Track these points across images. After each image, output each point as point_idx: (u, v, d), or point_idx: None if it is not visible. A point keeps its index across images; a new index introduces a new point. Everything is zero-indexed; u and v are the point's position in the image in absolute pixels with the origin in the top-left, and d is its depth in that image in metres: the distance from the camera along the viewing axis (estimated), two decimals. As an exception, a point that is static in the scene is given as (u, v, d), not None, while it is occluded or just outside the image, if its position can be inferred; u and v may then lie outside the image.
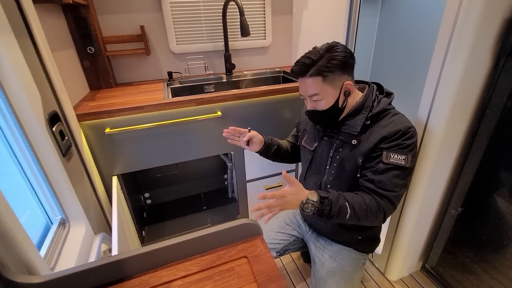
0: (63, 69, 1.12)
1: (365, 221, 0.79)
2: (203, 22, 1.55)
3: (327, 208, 0.76)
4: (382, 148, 0.78)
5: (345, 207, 0.77)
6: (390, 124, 0.79)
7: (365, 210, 0.77)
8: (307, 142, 0.99)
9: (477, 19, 0.75)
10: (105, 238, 0.99)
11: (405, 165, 0.76)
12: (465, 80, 0.83)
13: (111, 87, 1.43)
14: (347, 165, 0.85)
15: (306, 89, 0.81)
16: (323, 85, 0.78)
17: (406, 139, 0.76)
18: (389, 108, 0.82)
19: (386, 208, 0.78)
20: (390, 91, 0.87)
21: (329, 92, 0.79)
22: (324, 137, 0.92)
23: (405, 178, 0.78)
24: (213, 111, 1.24)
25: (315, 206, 0.75)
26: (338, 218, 0.77)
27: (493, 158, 0.92)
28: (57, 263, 0.77)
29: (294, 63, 0.81)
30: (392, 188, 0.77)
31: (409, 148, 0.76)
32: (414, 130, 0.78)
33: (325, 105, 0.81)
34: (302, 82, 0.81)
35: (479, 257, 1.04)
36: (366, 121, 0.82)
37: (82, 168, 1.02)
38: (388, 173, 0.76)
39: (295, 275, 1.33)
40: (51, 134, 0.82)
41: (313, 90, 0.79)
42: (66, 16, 1.22)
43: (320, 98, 0.80)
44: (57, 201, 0.85)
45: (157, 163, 1.28)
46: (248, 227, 0.60)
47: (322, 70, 0.76)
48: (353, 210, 0.77)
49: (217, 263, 0.55)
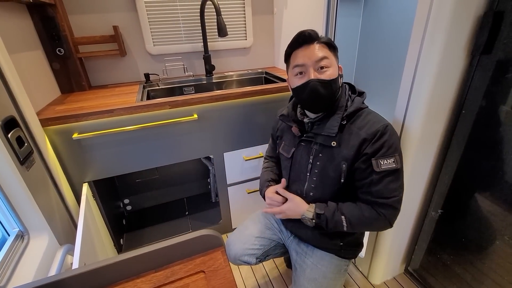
0: (27, 71, 1.06)
1: (370, 230, 0.84)
2: (180, 22, 1.51)
3: (323, 223, 0.81)
4: (367, 154, 0.75)
5: (341, 222, 0.79)
6: (366, 125, 0.77)
7: (365, 223, 0.78)
8: (284, 149, 0.95)
9: (448, 17, 0.73)
10: (71, 249, 0.94)
11: (396, 167, 0.74)
12: (440, 79, 0.81)
13: (84, 90, 1.37)
14: (330, 171, 0.82)
15: (313, 54, 0.75)
16: (330, 52, 0.77)
17: (388, 139, 0.74)
18: (363, 107, 0.81)
19: (389, 215, 0.77)
20: (362, 91, 0.85)
21: (334, 62, 0.78)
22: (301, 142, 0.88)
23: (399, 179, 0.77)
24: (189, 114, 1.19)
25: (312, 222, 0.82)
26: (336, 230, 0.81)
27: (471, 159, 0.90)
28: (10, 279, 0.72)
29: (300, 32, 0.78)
30: (391, 194, 0.76)
31: (393, 147, 0.75)
32: (391, 127, 0.76)
33: (332, 74, 0.76)
34: (307, 48, 0.76)
35: (460, 258, 1.02)
36: (342, 121, 0.79)
37: (46, 176, 0.97)
38: (384, 181, 0.75)
39: (277, 282, 1.30)
40: (5, 141, 0.77)
41: (322, 53, 0.75)
42: (32, 16, 1.17)
43: (329, 65, 0.76)
44: (13, 212, 0.80)
45: (132, 168, 1.23)
46: (208, 239, 0.56)
47: (330, 43, 0.78)
48: (349, 223, 0.79)
49: (171, 279, 0.51)
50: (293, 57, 0.80)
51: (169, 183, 1.80)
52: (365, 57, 1.85)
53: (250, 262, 0.99)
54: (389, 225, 0.80)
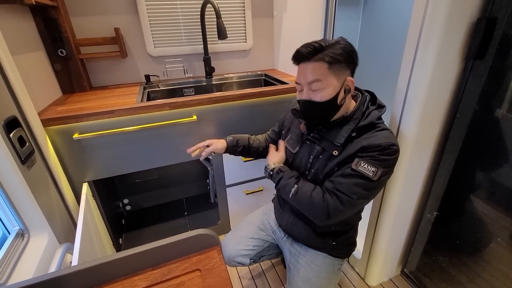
0: (29, 72, 1.08)
1: (306, 210, 0.82)
2: (181, 24, 1.53)
3: (277, 177, 0.88)
4: (356, 155, 0.75)
5: (290, 187, 0.84)
6: (373, 137, 0.75)
7: (307, 198, 0.79)
8: (289, 143, 0.96)
9: (443, 23, 0.74)
10: (70, 248, 0.95)
11: (372, 177, 0.71)
12: (435, 83, 0.83)
13: (85, 90, 1.39)
14: (320, 174, 0.83)
15: (307, 74, 0.74)
16: (327, 73, 0.72)
17: (385, 154, 0.72)
18: (377, 123, 0.77)
19: (331, 205, 0.75)
20: (382, 104, 0.81)
21: (331, 82, 0.73)
22: (306, 141, 0.89)
23: (367, 190, 0.73)
24: (189, 115, 1.21)
25: (268, 172, 0.92)
26: (283, 193, 0.87)
27: (465, 162, 0.91)
28: (10, 276, 0.73)
29: (301, 46, 0.74)
30: (349, 194, 0.74)
31: (383, 162, 0.72)
32: (396, 148, 0.73)
33: (324, 96, 0.74)
34: (304, 67, 0.75)
35: (456, 260, 1.03)
36: (352, 133, 0.78)
37: (47, 175, 0.98)
38: (351, 179, 0.74)
39: (274, 281, 1.31)
40: (7, 141, 0.78)
41: (315, 75, 0.72)
42: (34, 18, 1.18)
43: (321, 87, 0.73)
44: (13, 211, 0.81)
45: (131, 169, 1.24)
46: (204, 238, 0.57)
47: (331, 57, 0.71)
48: (295, 193, 0.82)
49: (167, 277, 0.52)
50: (297, 70, 0.79)
51: (168, 183, 1.81)
52: (363, 60, 1.87)
53: (244, 263, 1.00)
54: (325, 216, 0.76)
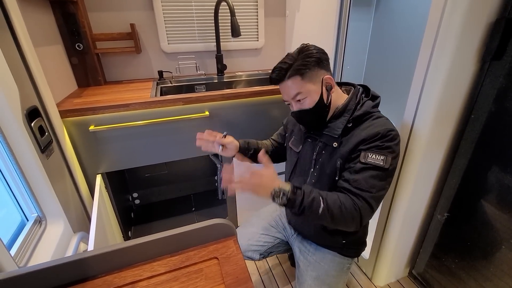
0: (48, 64, 1.11)
1: (341, 221, 0.73)
2: (195, 21, 1.55)
3: (299, 198, 0.71)
4: (360, 149, 0.76)
5: (318, 200, 0.72)
6: (370, 126, 0.77)
7: (340, 208, 0.71)
8: (293, 144, 0.98)
9: (460, 23, 0.74)
10: (84, 237, 0.97)
11: (383, 165, 0.73)
12: (450, 83, 0.83)
13: (99, 84, 1.42)
14: (326, 168, 0.84)
15: (288, 91, 0.80)
16: (303, 83, 0.77)
17: (386, 141, 0.74)
18: (372, 111, 0.80)
19: (363, 209, 0.72)
20: (376, 94, 0.85)
21: (311, 89, 0.78)
22: (307, 138, 0.91)
23: (383, 180, 0.74)
24: (201, 111, 1.22)
25: (286, 196, 0.71)
26: (310, 212, 0.71)
27: (479, 163, 0.91)
28: (29, 261, 0.75)
29: (271, 71, 0.81)
30: (368, 188, 0.73)
31: (388, 149, 0.74)
32: (395, 133, 0.76)
33: (310, 103, 0.79)
34: (282, 87, 0.81)
35: (466, 263, 1.03)
36: (348, 123, 0.80)
37: (63, 165, 1.01)
38: (365, 172, 0.74)
39: (280, 278, 1.31)
40: (29, 130, 0.81)
41: (294, 90, 0.78)
42: (54, 12, 1.21)
43: (304, 97, 0.79)
44: (33, 198, 0.84)
45: (143, 162, 1.26)
46: (221, 227, 0.58)
47: (299, 69, 0.76)
48: (327, 204, 0.71)
49: (185, 263, 0.53)
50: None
51: (177, 179, 1.83)
52: (374, 61, 1.87)
53: (254, 258, 1.02)
54: (360, 222, 0.73)
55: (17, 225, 0.81)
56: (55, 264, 0.46)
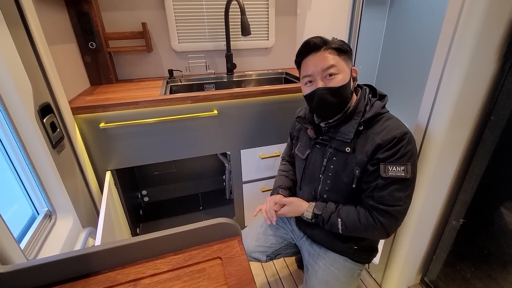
0: (62, 62, 1.13)
1: (364, 236, 0.82)
2: (205, 20, 1.55)
3: (320, 222, 0.84)
4: (378, 158, 0.74)
5: (336, 225, 0.81)
6: (384, 130, 0.74)
7: (359, 228, 0.78)
8: (299, 150, 0.96)
9: (479, 20, 0.70)
10: (92, 232, 0.99)
11: (405, 176, 0.71)
12: (468, 83, 0.79)
13: (111, 83, 1.44)
14: (343, 176, 0.81)
15: (323, 61, 0.75)
16: (339, 59, 0.75)
17: (403, 146, 0.71)
18: (382, 112, 0.78)
19: (387, 224, 0.75)
20: (383, 93, 0.83)
21: (344, 68, 0.76)
22: (316, 144, 0.88)
23: (407, 190, 0.73)
24: (210, 110, 1.22)
25: (310, 221, 0.86)
26: (332, 230, 0.83)
27: (498, 167, 0.86)
28: (38, 254, 0.76)
29: (308, 39, 0.77)
30: (395, 202, 0.73)
31: (406, 156, 0.72)
32: (410, 135, 0.73)
33: (342, 81, 0.75)
34: (317, 56, 0.76)
35: (482, 272, 0.98)
36: (359, 126, 0.77)
37: (74, 161, 1.02)
38: (389, 188, 0.73)
39: (287, 281, 1.29)
40: (41, 125, 0.82)
41: (331, 61, 0.75)
42: (69, 11, 1.24)
43: (337, 72, 0.75)
44: (43, 192, 0.85)
45: (152, 159, 1.27)
46: (226, 227, 0.57)
47: (338, 48, 0.76)
48: (345, 227, 0.80)
49: (188, 262, 0.52)
50: (302, 66, 0.81)
51: (185, 177, 1.84)
52: (387, 60, 1.82)
53: (261, 259, 1.00)
54: (386, 234, 0.78)
55: (28, 218, 0.82)
56: (57, 259, 0.46)
